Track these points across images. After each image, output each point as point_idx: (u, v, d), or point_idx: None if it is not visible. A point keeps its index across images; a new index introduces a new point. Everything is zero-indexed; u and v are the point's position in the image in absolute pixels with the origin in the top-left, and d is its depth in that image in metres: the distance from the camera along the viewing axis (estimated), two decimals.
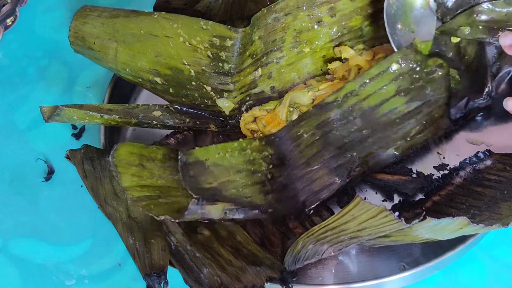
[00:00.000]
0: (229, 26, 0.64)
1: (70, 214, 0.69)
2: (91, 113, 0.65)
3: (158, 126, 0.68)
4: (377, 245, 0.58)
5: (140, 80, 0.69)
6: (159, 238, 0.57)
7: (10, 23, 0.86)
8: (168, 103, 0.69)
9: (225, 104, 0.68)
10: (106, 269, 0.65)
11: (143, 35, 0.66)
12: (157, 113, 0.68)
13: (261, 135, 0.66)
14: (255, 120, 0.68)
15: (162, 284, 0.54)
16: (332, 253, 0.56)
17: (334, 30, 0.70)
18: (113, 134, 0.72)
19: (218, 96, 0.68)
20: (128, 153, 0.57)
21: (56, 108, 0.63)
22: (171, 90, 0.68)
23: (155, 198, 0.55)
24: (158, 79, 0.68)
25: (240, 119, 0.68)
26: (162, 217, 0.53)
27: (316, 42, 0.71)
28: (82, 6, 0.69)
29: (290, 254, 0.57)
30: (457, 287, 0.61)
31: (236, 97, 0.68)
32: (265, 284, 0.55)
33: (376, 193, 0.65)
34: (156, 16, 0.65)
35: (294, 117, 0.66)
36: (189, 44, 0.65)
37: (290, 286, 0.55)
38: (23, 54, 0.84)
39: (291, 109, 0.66)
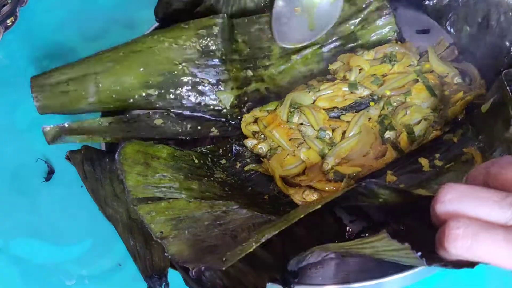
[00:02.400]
0: (210, 16, 0.65)
1: (70, 214, 0.69)
2: (94, 137, 0.65)
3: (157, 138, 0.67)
4: None
5: (131, 101, 0.67)
6: None
7: (10, 23, 0.86)
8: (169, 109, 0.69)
9: (224, 96, 0.68)
10: (106, 269, 0.65)
11: (123, 56, 0.66)
12: (158, 122, 0.68)
13: (262, 136, 0.66)
14: (256, 121, 0.67)
15: (163, 286, 0.54)
16: (334, 256, 0.56)
17: (324, 36, 0.70)
18: None
19: (216, 89, 0.68)
20: (134, 151, 0.57)
21: (59, 133, 0.64)
22: (168, 97, 0.68)
23: (157, 201, 0.55)
24: (151, 91, 0.67)
25: (241, 120, 0.68)
26: (159, 237, 0.53)
27: (305, 52, 0.70)
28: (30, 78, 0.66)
29: (296, 258, 0.56)
30: (457, 287, 0.61)
31: (232, 88, 0.68)
32: (267, 284, 0.55)
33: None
34: (130, 42, 0.66)
35: (295, 117, 0.65)
36: (176, 44, 0.66)
37: (292, 286, 0.55)
38: (23, 54, 0.84)
39: (292, 109, 0.66)
